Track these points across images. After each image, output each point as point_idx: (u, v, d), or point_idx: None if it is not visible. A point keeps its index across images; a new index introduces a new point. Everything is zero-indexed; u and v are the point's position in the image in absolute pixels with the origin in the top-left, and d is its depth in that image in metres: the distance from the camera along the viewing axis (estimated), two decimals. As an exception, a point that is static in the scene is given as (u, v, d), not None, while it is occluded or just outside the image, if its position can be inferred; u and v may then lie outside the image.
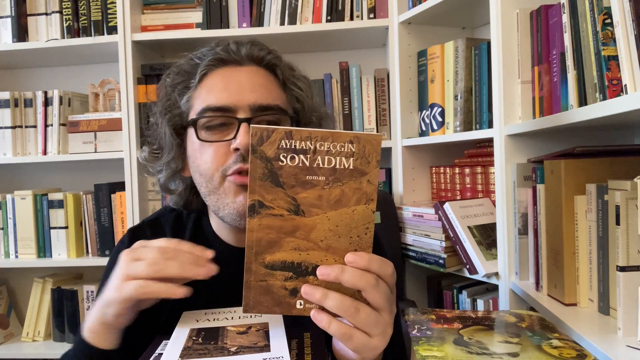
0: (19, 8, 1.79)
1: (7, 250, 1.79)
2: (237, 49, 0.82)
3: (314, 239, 0.57)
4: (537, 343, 0.65)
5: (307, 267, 0.57)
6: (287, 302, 0.58)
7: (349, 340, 0.56)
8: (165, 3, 1.77)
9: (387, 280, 0.58)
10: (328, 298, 0.56)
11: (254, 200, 0.56)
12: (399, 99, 1.61)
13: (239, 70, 0.81)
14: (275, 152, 0.56)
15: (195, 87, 0.81)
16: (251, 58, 0.82)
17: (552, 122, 0.96)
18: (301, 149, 0.56)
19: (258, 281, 0.57)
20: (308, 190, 0.56)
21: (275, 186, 0.56)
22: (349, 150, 0.56)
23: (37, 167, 2.01)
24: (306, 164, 0.56)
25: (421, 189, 1.65)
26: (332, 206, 0.57)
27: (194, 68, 0.83)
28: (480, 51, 1.38)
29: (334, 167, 0.56)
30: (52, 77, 2.02)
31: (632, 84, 0.72)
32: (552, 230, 0.96)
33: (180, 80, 0.84)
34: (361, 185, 0.57)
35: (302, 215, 0.57)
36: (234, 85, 0.78)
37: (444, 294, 1.57)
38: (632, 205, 0.74)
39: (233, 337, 0.61)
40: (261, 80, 0.81)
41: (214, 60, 0.81)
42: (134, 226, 0.91)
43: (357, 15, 1.68)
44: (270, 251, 0.57)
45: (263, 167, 0.56)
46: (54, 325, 1.83)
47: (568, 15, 0.92)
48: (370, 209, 0.57)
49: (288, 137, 0.56)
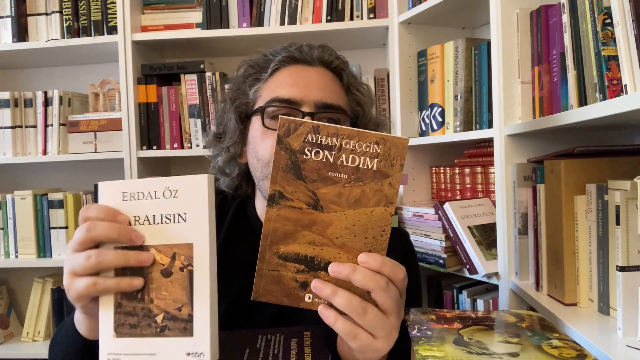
0: (19, 8, 1.79)
1: (7, 250, 1.79)
2: (309, 50, 0.89)
3: (329, 235, 0.57)
4: (537, 343, 0.65)
5: (319, 262, 0.58)
6: (296, 294, 0.58)
7: (353, 339, 0.57)
8: (165, 3, 1.77)
9: (397, 284, 0.58)
10: (337, 295, 0.56)
11: (275, 190, 0.57)
12: (399, 99, 1.61)
13: (308, 69, 0.87)
14: (300, 145, 0.56)
15: (265, 80, 0.88)
16: (321, 60, 0.89)
17: (552, 122, 0.96)
18: (326, 145, 0.56)
19: (270, 270, 0.58)
20: (329, 187, 0.57)
21: (297, 179, 0.56)
22: (374, 151, 0.56)
23: (37, 167, 2.01)
24: (330, 160, 0.56)
25: (421, 189, 1.65)
26: (351, 205, 0.57)
27: (267, 62, 0.89)
28: (480, 51, 1.38)
29: (357, 167, 0.56)
30: (52, 77, 2.02)
31: (632, 84, 0.72)
32: (552, 230, 0.96)
33: (252, 72, 0.90)
34: (382, 187, 0.57)
35: (321, 211, 0.57)
36: (302, 82, 0.84)
37: (444, 294, 1.57)
38: (632, 205, 0.74)
39: (158, 285, 0.59)
40: (328, 81, 0.87)
41: (287, 57, 0.87)
42: None
43: (357, 15, 1.68)
44: (285, 242, 0.57)
45: (287, 158, 0.56)
46: (54, 325, 1.83)
47: (568, 15, 0.92)
48: (389, 212, 0.57)
49: (315, 131, 0.56)
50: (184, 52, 1.89)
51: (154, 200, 0.60)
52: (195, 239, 0.58)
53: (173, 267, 0.59)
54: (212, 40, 1.74)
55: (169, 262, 0.59)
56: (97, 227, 0.58)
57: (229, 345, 0.67)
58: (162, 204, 0.59)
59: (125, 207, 0.60)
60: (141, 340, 0.58)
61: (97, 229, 0.58)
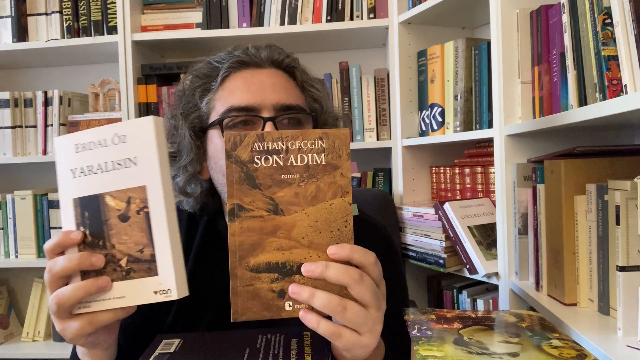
0: (19, 8, 1.79)
1: (7, 250, 1.79)
2: (256, 52, 0.84)
3: (295, 237, 0.58)
4: (537, 343, 0.65)
5: (292, 266, 0.57)
6: (276, 304, 0.57)
7: (338, 339, 0.56)
8: (165, 3, 1.77)
9: (370, 270, 0.58)
10: (315, 297, 0.56)
11: (233, 204, 0.57)
12: (399, 99, 1.61)
13: (260, 72, 0.83)
14: (249, 155, 0.57)
15: (216, 90, 0.83)
16: (271, 61, 0.84)
17: (552, 122, 0.96)
18: (274, 150, 0.57)
19: (244, 286, 0.57)
20: (284, 189, 0.58)
21: (253, 188, 0.57)
22: (319, 146, 0.58)
23: (37, 167, 2.01)
24: (280, 163, 0.58)
25: (421, 189, 1.65)
26: (310, 202, 0.58)
27: (213, 71, 0.84)
28: (480, 51, 1.38)
29: (307, 164, 0.58)
30: (52, 77, 2.02)
31: (632, 84, 0.72)
32: (552, 230, 0.96)
33: (200, 84, 0.84)
34: (335, 179, 0.58)
35: (282, 214, 0.57)
36: (256, 86, 0.80)
37: (444, 294, 1.57)
38: (632, 205, 0.74)
39: (117, 229, 0.60)
40: (282, 81, 0.83)
41: (235, 62, 0.83)
42: None
43: (357, 15, 1.68)
44: (253, 254, 0.57)
45: (239, 170, 0.57)
46: (53, 325, 1.83)
47: (568, 15, 0.92)
48: (347, 202, 0.58)
49: (260, 139, 0.57)
50: (184, 52, 1.89)
51: (104, 148, 0.61)
52: (147, 182, 0.59)
53: (129, 211, 0.59)
54: (212, 40, 1.74)
55: (125, 207, 0.60)
56: (57, 264, 0.60)
57: (229, 345, 0.67)
58: (112, 151, 0.60)
59: (78, 158, 0.62)
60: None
61: (56, 266, 0.60)
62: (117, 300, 0.59)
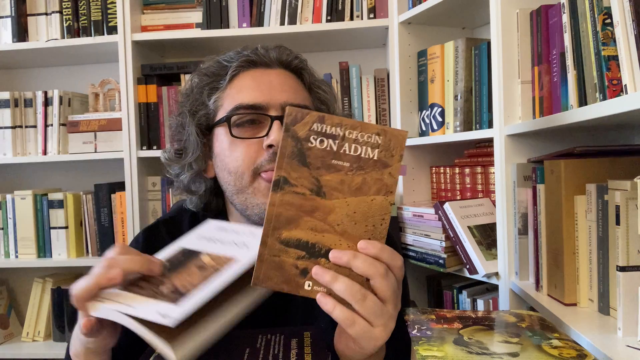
0: (19, 8, 1.79)
1: (7, 250, 1.79)
2: (266, 52, 0.85)
3: (330, 222, 0.58)
4: (537, 343, 0.65)
5: (320, 249, 0.58)
6: (296, 281, 0.58)
7: (351, 326, 0.57)
8: (165, 3, 1.77)
9: (395, 272, 0.59)
10: (337, 281, 0.56)
11: (280, 176, 0.58)
12: (399, 99, 1.61)
13: (268, 72, 0.84)
14: (306, 133, 0.58)
15: (224, 88, 0.84)
16: (280, 61, 0.85)
17: (552, 122, 0.96)
18: (331, 134, 0.58)
19: (271, 256, 0.58)
20: (332, 174, 0.58)
21: (302, 165, 0.58)
22: (375, 141, 0.58)
23: (37, 167, 2.01)
24: (334, 148, 0.58)
25: (421, 189, 1.65)
26: (353, 192, 0.58)
27: (222, 69, 0.85)
28: (480, 51, 1.38)
29: (359, 156, 0.58)
30: (52, 77, 2.02)
31: (632, 84, 0.72)
32: (552, 230, 0.96)
33: (208, 82, 0.85)
34: (382, 176, 0.59)
35: (323, 197, 0.58)
36: (265, 85, 0.81)
37: (444, 294, 1.57)
38: (632, 205, 0.74)
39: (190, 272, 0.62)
40: (290, 81, 0.84)
41: (244, 61, 0.84)
42: (148, 225, 0.92)
43: (357, 15, 1.68)
44: (287, 227, 0.58)
45: (293, 145, 0.58)
46: (54, 325, 1.83)
47: (568, 15, 0.92)
48: (389, 201, 0.59)
49: (320, 120, 0.58)
50: (184, 52, 1.89)
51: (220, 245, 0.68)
52: (236, 257, 0.63)
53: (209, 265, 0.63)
54: (212, 40, 1.74)
55: (210, 263, 0.63)
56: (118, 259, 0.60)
57: (229, 345, 0.67)
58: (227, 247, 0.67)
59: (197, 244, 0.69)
60: (132, 294, 0.59)
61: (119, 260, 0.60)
62: (125, 306, 0.58)
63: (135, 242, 0.88)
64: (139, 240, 0.88)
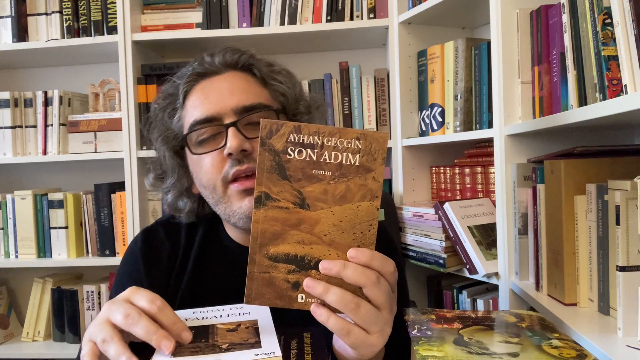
0: (19, 8, 1.79)
1: (7, 250, 1.78)
2: (211, 60, 0.84)
3: (317, 233, 0.57)
4: (537, 343, 0.65)
5: (309, 261, 0.58)
6: (289, 295, 0.58)
7: (347, 335, 0.57)
8: (165, 3, 1.77)
9: (388, 278, 0.58)
10: (329, 292, 0.56)
11: (261, 191, 0.57)
12: (399, 99, 1.61)
13: (217, 79, 0.83)
14: (283, 145, 0.57)
15: (182, 107, 0.84)
16: (226, 64, 0.84)
17: (552, 122, 0.96)
18: (309, 144, 0.57)
19: (261, 272, 0.57)
20: (314, 185, 0.57)
21: (282, 179, 0.57)
22: (355, 146, 0.57)
23: (37, 167, 2.01)
24: (313, 158, 0.57)
25: (421, 189, 1.65)
26: (337, 201, 0.57)
27: (176, 89, 0.85)
28: (480, 51, 1.38)
29: (340, 163, 0.57)
30: (52, 77, 2.02)
31: (632, 84, 0.72)
32: (552, 230, 0.96)
33: (167, 103, 0.86)
34: (366, 181, 0.57)
35: (307, 209, 0.57)
36: (213, 94, 0.80)
37: (444, 294, 1.57)
38: (632, 205, 0.74)
39: (223, 334, 0.61)
40: (240, 82, 0.83)
41: (191, 76, 0.83)
42: (147, 227, 0.92)
43: (357, 15, 1.68)
44: (274, 243, 0.57)
45: (271, 159, 0.57)
46: (54, 325, 1.83)
47: (568, 15, 0.92)
48: (375, 206, 0.58)
49: (296, 131, 0.57)
50: (184, 52, 1.89)
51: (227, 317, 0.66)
52: (258, 318, 0.63)
53: (239, 328, 0.61)
54: (212, 41, 1.74)
55: (234, 326, 0.62)
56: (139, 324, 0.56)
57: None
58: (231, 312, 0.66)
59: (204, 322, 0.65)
60: (202, 357, 0.55)
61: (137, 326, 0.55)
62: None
63: (134, 243, 0.89)
64: (138, 241, 0.88)
